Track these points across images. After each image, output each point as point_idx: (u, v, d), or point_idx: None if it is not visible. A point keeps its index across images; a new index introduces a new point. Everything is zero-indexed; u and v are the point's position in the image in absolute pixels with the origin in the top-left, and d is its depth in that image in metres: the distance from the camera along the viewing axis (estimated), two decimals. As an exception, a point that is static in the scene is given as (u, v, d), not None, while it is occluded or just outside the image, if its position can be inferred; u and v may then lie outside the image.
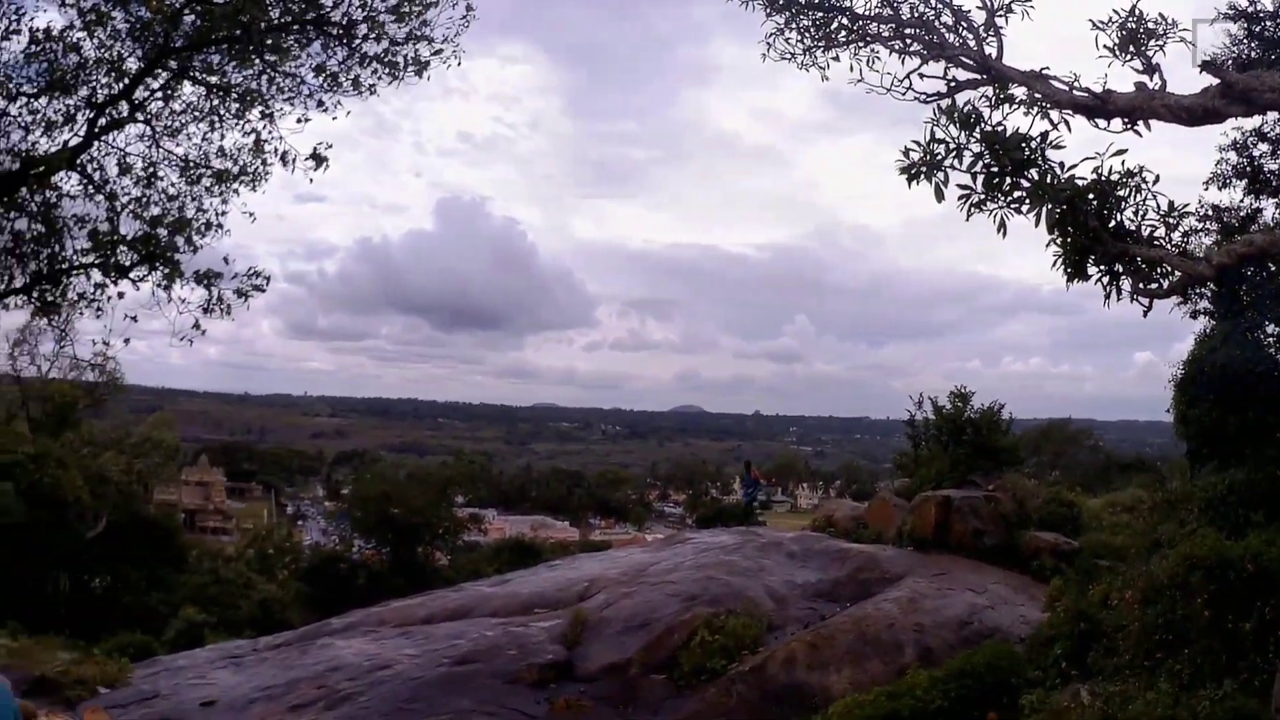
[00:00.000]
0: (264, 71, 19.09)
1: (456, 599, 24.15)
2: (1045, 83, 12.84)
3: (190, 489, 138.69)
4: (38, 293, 19.98)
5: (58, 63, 19.26)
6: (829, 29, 16.27)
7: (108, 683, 20.08)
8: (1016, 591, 20.89)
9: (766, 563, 22.69)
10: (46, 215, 19.78)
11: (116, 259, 19.35)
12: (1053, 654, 15.50)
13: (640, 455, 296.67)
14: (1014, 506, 24.08)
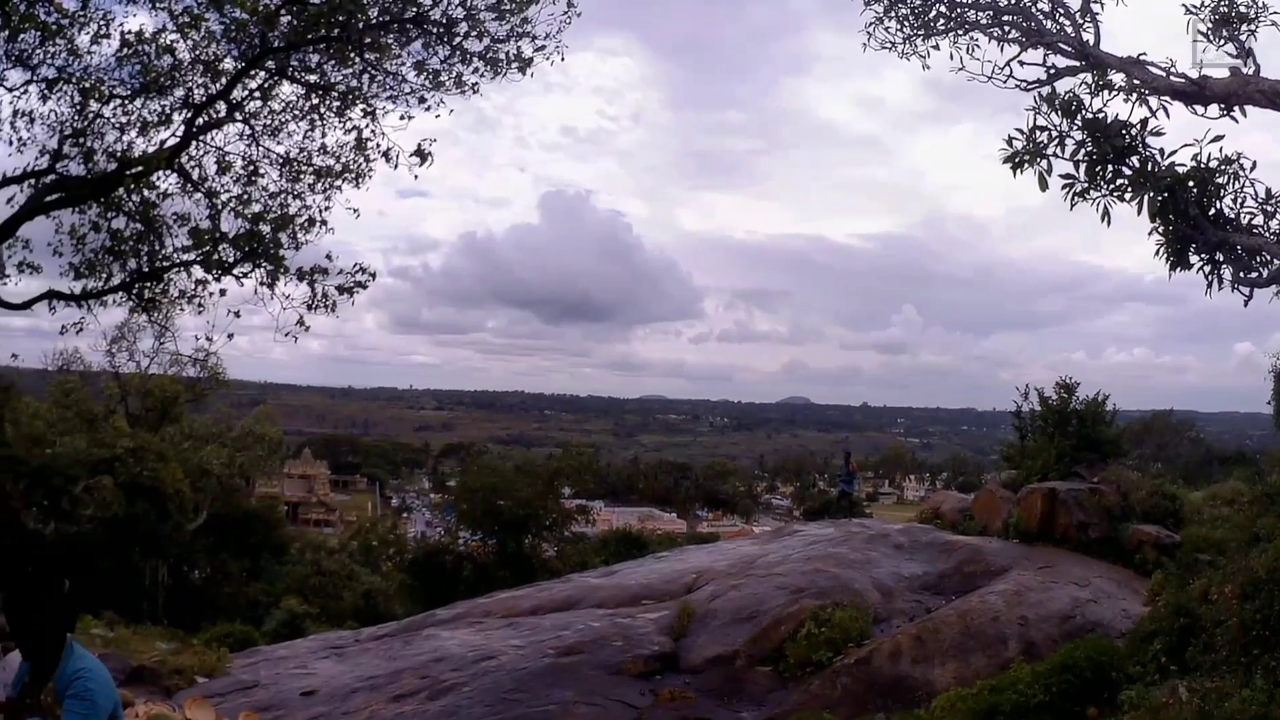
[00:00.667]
0: (365, 70, 19.13)
1: (563, 590, 24.12)
2: (1142, 69, 12.65)
3: (293, 482, 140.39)
4: (137, 290, 20.17)
5: (151, 65, 19.40)
6: (927, 17, 16.11)
7: (206, 672, 20.18)
8: (1119, 585, 20.56)
9: (874, 555, 22.51)
10: (145, 214, 20.02)
11: (219, 256, 19.55)
12: (1152, 649, 15.23)
13: (748, 447, 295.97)
14: (1117, 499, 23.76)
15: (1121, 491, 23.92)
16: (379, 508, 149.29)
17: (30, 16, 19.36)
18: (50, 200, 19.35)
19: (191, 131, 19.18)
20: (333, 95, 19.56)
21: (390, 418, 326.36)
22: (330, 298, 19.62)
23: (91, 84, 19.93)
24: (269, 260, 19.43)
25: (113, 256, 20.34)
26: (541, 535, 52.49)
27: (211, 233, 19.67)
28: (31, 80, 20.09)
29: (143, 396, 69.20)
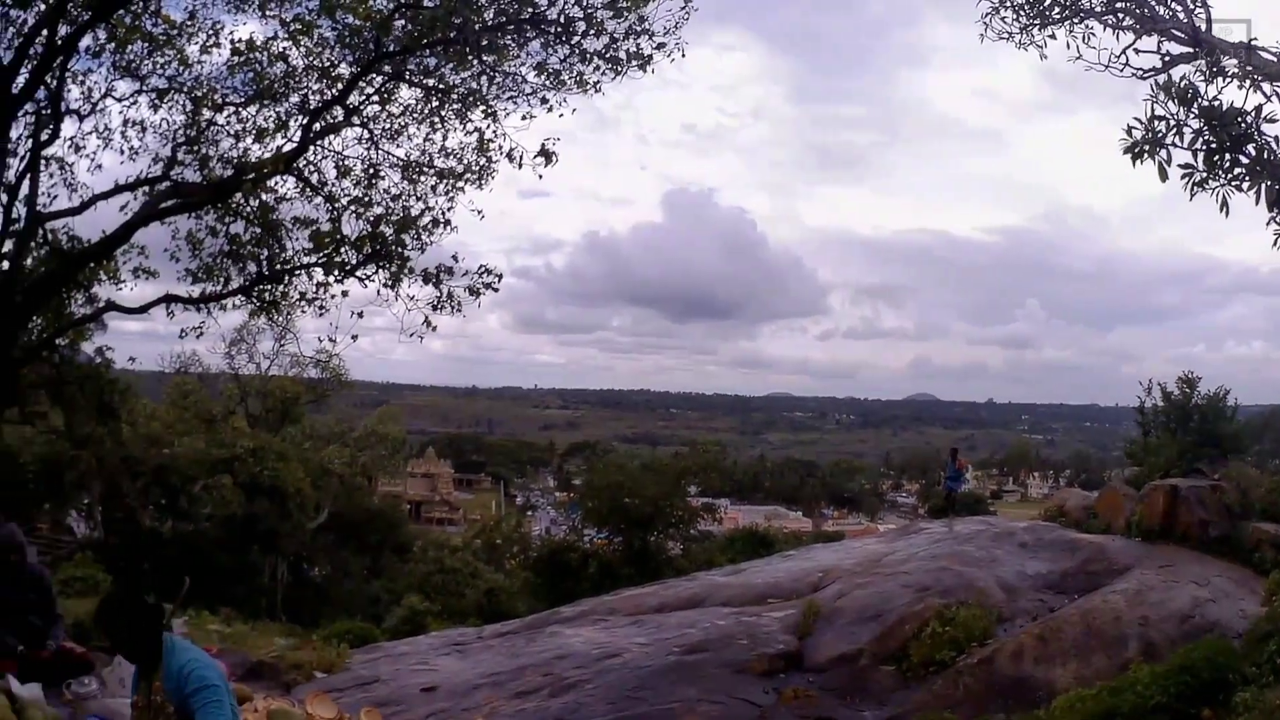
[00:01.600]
0: (483, 72, 19.12)
1: (690, 588, 24.06)
2: (1254, 54, 12.43)
3: (416, 481, 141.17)
4: (257, 293, 20.35)
5: (263, 72, 19.66)
6: (1042, 5, 15.91)
7: (324, 668, 20.25)
8: (1238, 585, 20.22)
9: (998, 553, 22.31)
10: (264, 218, 20.21)
11: (341, 258, 19.68)
12: (1267, 650, 14.97)
13: (874, 444, 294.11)
14: (1238, 496, 23.43)
15: (1241, 489, 23.60)
16: (503, 506, 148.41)
17: (137, 28, 19.64)
18: (166, 207, 19.59)
19: (309, 137, 19.32)
20: (452, 98, 19.60)
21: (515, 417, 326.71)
22: (456, 298, 19.62)
23: (203, 93, 20.34)
24: (392, 262, 19.54)
25: (231, 260, 20.62)
26: (667, 533, 52.42)
27: (333, 235, 19.84)
28: (141, 90, 20.51)
29: (263, 398, 70.16)
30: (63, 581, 22.56)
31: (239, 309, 21.65)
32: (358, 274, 19.74)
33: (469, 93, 19.51)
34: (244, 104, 20.26)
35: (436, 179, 20.17)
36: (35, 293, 19.70)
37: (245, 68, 19.84)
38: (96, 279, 22.63)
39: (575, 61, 18.69)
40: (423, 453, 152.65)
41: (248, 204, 20.34)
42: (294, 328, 23.08)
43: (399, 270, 19.61)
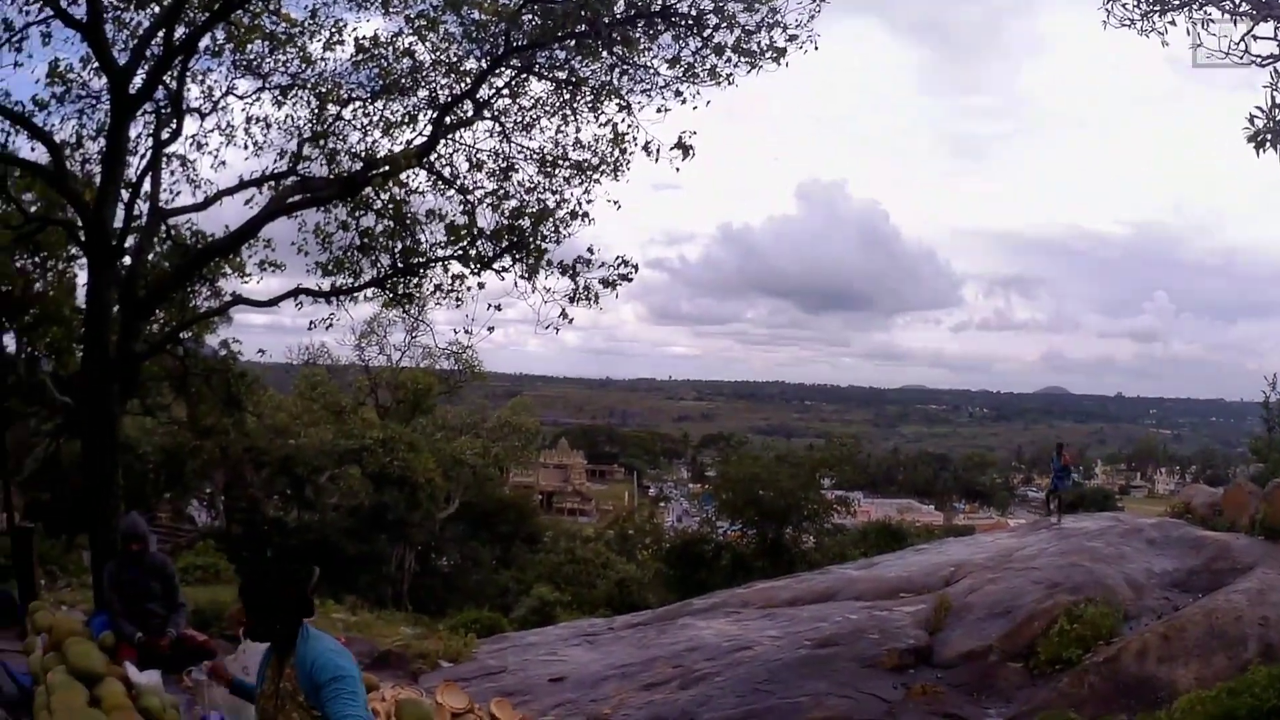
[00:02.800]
0: (615, 65, 19.00)
1: (823, 582, 23.98)
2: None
3: (549, 471, 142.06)
4: (391, 285, 20.47)
5: (389, 67, 19.74)
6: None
7: (450, 657, 20.28)
8: (1357, 585, 19.91)
9: (1126, 550, 21.99)
10: (396, 211, 20.25)
11: (478, 251, 19.69)
12: (1383, 652, 14.77)
13: (1006, 438, 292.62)
14: (1361, 494, 22.98)
15: (1363, 485, 23.09)
16: (636, 497, 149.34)
17: (256, 28, 19.84)
18: (294, 201, 19.72)
19: (439, 131, 19.33)
20: (584, 91, 19.52)
21: (649, 408, 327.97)
22: (593, 290, 19.56)
23: (328, 89, 20.45)
24: (529, 254, 19.51)
25: (363, 253, 20.71)
26: (801, 526, 52.20)
27: (468, 228, 19.84)
28: (263, 88, 20.67)
29: (393, 389, 70.66)
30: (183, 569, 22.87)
31: (370, 301, 22.01)
32: (494, 266, 19.67)
33: (601, 85, 19.38)
34: (370, 99, 20.35)
35: (572, 171, 20.09)
36: (159, 287, 19.86)
37: (370, 64, 19.97)
38: (221, 273, 23.16)
39: (708, 54, 18.51)
40: (555, 444, 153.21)
41: (378, 197, 20.43)
42: (427, 320, 23.20)
43: (535, 262, 19.55)
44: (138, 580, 11.68)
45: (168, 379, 36.30)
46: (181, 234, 22.00)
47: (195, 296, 23.29)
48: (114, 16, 19.26)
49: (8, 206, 22.00)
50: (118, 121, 18.12)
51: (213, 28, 18.65)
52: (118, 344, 18.17)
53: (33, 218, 21.54)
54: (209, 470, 60.13)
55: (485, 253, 19.74)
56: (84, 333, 19.20)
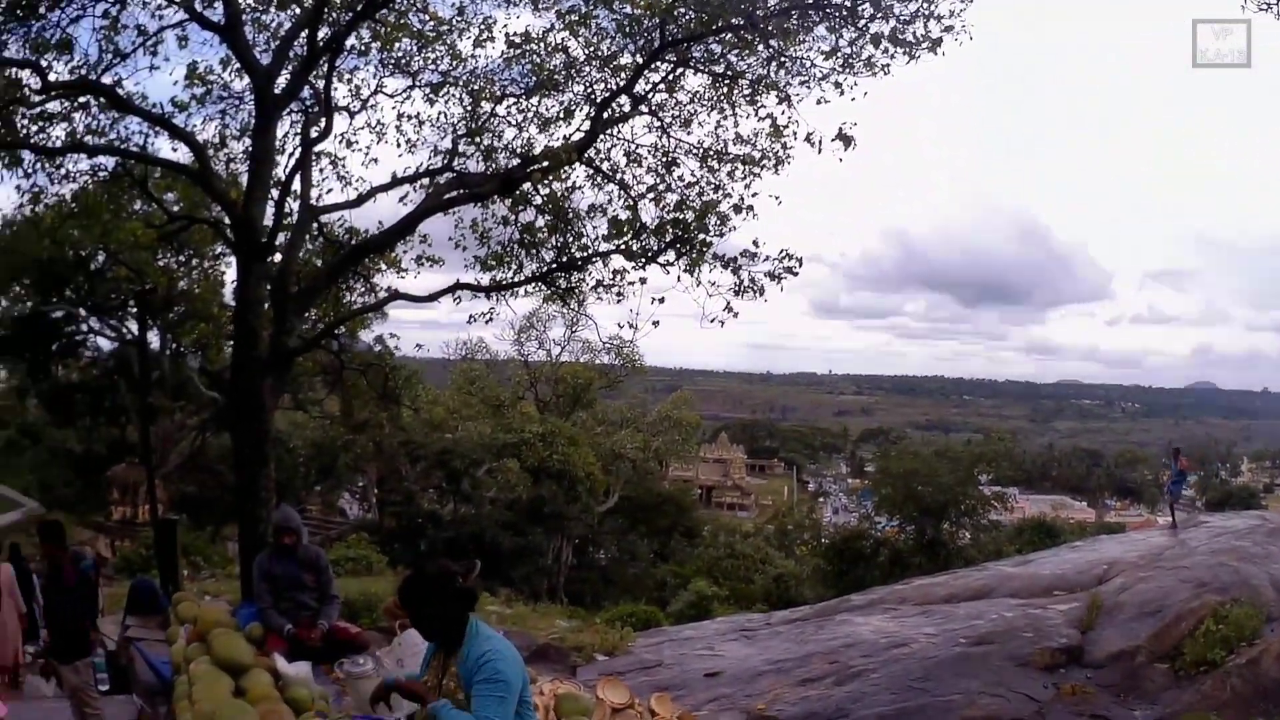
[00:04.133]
0: (772, 57, 18.87)
1: (979, 578, 23.82)
2: None
3: (708, 466, 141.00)
4: (551, 280, 20.56)
5: (542, 64, 19.81)
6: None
7: (606, 651, 20.28)
8: None
9: (1274, 549, 21.67)
10: (556, 207, 20.31)
11: (642, 245, 19.65)
12: None
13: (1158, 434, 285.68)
14: None
15: None
16: (795, 492, 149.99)
17: (403, 25, 19.99)
18: (451, 197, 19.85)
19: (597, 126, 19.30)
20: (741, 84, 19.39)
21: (809, 402, 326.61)
22: (758, 284, 19.37)
23: (480, 86, 20.57)
24: (692, 248, 19.39)
25: (523, 249, 20.78)
26: (959, 522, 51.91)
27: (631, 223, 19.78)
28: (413, 86, 20.85)
29: (553, 383, 71.36)
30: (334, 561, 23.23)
31: (529, 296, 21.84)
32: (658, 261, 19.59)
33: (758, 78, 19.24)
34: (524, 95, 20.43)
35: (735, 165, 19.87)
36: (312, 284, 20.05)
37: (522, 60, 20.10)
38: (377, 269, 23.21)
39: (864, 44, 18.33)
40: (715, 438, 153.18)
41: (537, 192, 20.40)
42: (590, 314, 23.23)
43: (699, 257, 19.41)
44: (290, 572, 11.72)
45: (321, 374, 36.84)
46: (333, 231, 22.31)
47: (349, 292, 23.51)
48: (253, 18, 19.54)
49: (148, 206, 22.39)
50: (263, 121, 18.39)
51: (357, 28, 18.86)
52: (270, 339, 18.44)
53: (176, 217, 21.95)
54: (362, 464, 61.10)
55: (649, 247, 19.66)
56: (234, 329, 19.33)
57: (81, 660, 11.90)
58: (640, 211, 20.12)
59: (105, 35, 17.76)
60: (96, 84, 17.62)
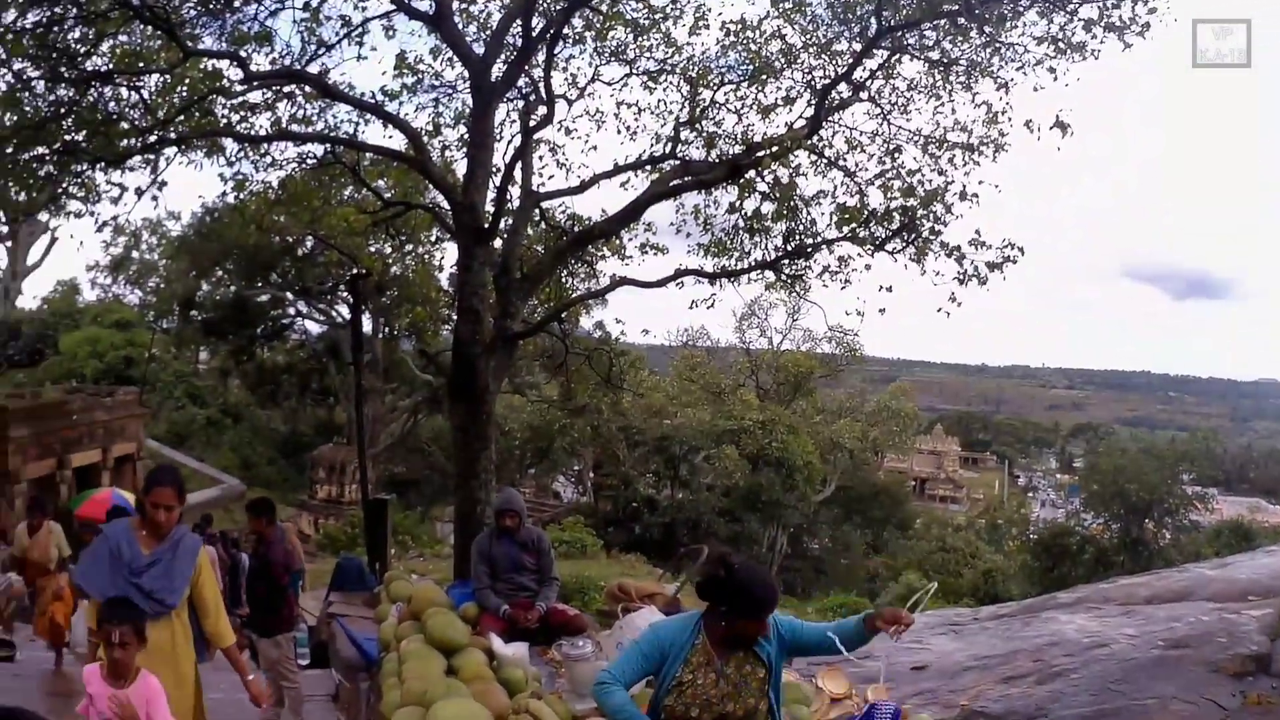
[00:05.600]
0: (986, 43, 18.71)
1: (1180, 580, 23.33)
2: None
3: (923, 458, 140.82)
4: (777, 267, 20.53)
5: (759, 51, 19.86)
6: None
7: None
8: None
9: None
10: (783, 193, 20.23)
11: (871, 232, 19.55)
12: None
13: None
14: None
15: None
16: (1006, 486, 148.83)
17: (617, 14, 20.07)
18: (677, 184, 19.94)
19: (821, 112, 19.18)
20: (956, 70, 19.26)
21: (1022, 395, 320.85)
22: (980, 273, 19.18)
23: (698, 73, 20.65)
24: (919, 236, 19.25)
25: (749, 235, 20.85)
26: (1162, 522, 51.13)
27: (858, 210, 19.71)
28: (630, 74, 20.97)
29: (774, 371, 71.68)
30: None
31: (754, 283, 21.81)
32: (886, 248, 19.43)
33: (972, 64, 19.10)
34: (742, 82, 20.46)
35: (957, 151, 19.79)
36: (536, 269, 20.31)
37: (739, 47, 20.15)
38: (600, 255, 23.42)
39: (1075, 28, 17.98)
40: (930, 429, 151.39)
41: (761, 179, 20.40)
42: (816, 302, 23.18)
43: (925, 244, 19.28)
44: (510, 554, 11.74)
45: (540, 358, 37.20)
46: (555, 217, 22.54)
47: (572, 278, 23.79)
48: (462, 8, 19.82)
49: (359, 193, 22.77)
50: (481, 109, 18.54)
51: (570, 17, 18.95)
52: (494, 323, 18.69)
53: (391, 202, 22.15)
54: (578, 447, 61.75)
55: (876, 234, 19.53)
56: (456, 312, 19.55)
57: (283, 634, 12.07)
58: (869, 199, 20.06)
59: (307, 27, 18.01)
60: (303, 73, 17.89)
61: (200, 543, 7.50)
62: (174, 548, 7.31)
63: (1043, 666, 16.94)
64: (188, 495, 32.12)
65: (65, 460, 42.78)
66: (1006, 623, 21.42)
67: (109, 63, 16.69)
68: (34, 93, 16.46)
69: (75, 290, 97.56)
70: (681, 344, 73.01)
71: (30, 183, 17.04)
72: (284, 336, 74.34)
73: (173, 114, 17.37)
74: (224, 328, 68.85)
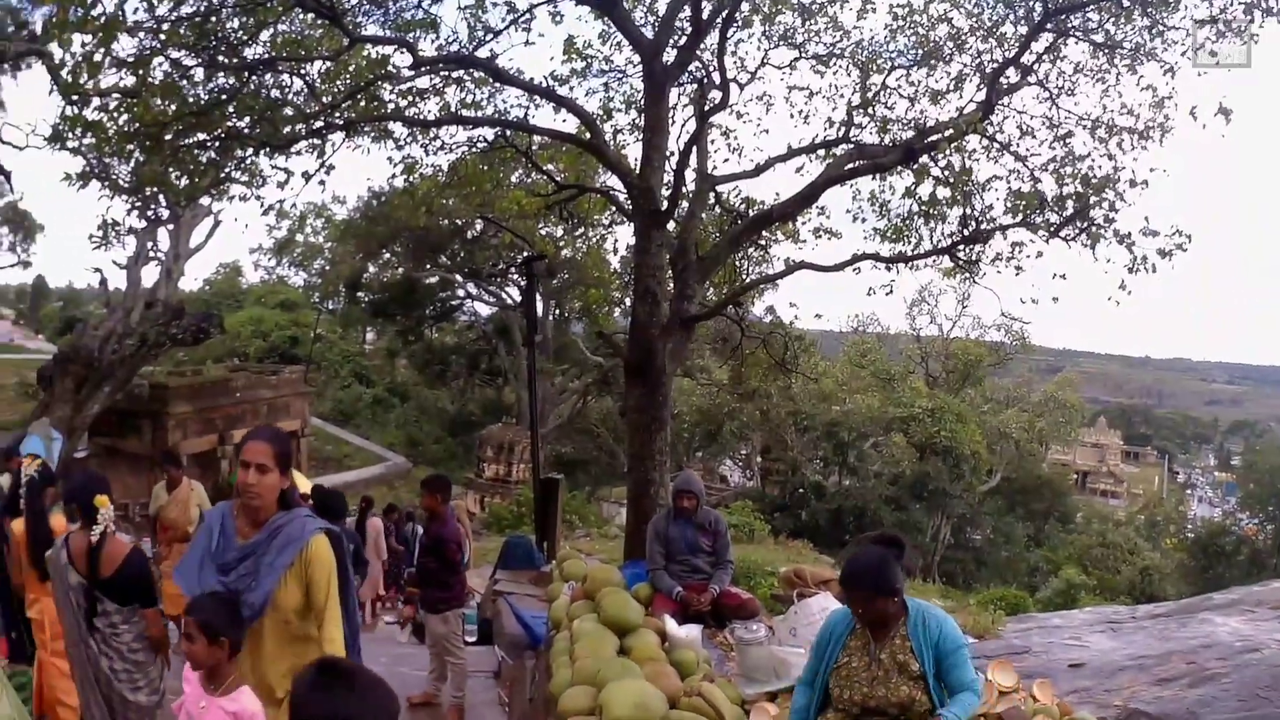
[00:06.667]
0: (1150, 26, 18.30)
1: (1327, 583, 23.20)
2: None
3: (1085, 450, 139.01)
4: (953, 253, 20.34)
5: (926, 35, 19.77)
6: None
7: (976, 634, 20.26)
8: None
9: None
10: (957, 179, 20.07)
11: (1045, 218, 19.27)
12: None
13: None
14: None
15: None
16: (1165, 482, 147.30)
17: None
18: (852, 168, 19.64)
19: (992, 97, 18.89)
20: (1120, 53, 18.89)
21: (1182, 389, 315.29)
22: (1150, 261, 18.85)
23: (867, 57, 20.54)
24: (1092, 223, 18.86)
25: (924, 220, 20.79)
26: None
27: (1032, 196, 19.41)
28: (799, 58, 20.86)
29: (943, 359, 71.82)
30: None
31: (926, 268, 21.65)
32: (1060, 234, 19.03)
33: (1137, 47, 18.69)
34: (912, 66, 20.33)
35: (1123, 136, 19.33)
36: (714, 251, 20.14)
37: (906, 31, 20.08)
38: (774, 239, 23.46)
39: (1236, 11, 17.36)
40: (1094, 422, 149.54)
41: (935, 164, 20.09)
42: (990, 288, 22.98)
43: (1098, 231, 18.86)
44: (686, 536, 11.76)
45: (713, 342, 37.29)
46: (729, 200, 22.35)
47: (746, 261, 23.76)
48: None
49: (529, 176, 22.93)
50: (654, 92, 18.54)
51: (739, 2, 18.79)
52: (671, 305, 18.62)
53: (565, 186, 22.08)
54: (747, 431, 61.96)
55: (1050, 220, 19.23)
56: (633, 294, 19.53)
57: (452, 611, 12.20)
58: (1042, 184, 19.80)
59: (472, 13, 18.14)
60: (474, 58, 17.98)
61: (312, 532, 6.07)
62: (270, 537, 6.02)
63: (1195, 669, 16.75)
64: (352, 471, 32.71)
65: (226, 436, 44.33)
66: (1163, 622, 21.20)
67: (269, 51, 16.90)
68: (192, 81, 16.73)
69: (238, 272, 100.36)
70: (851, 330, 72.86)
71: (192, 168, 17.33)
72: (452, 318, 75.19)
73: (339, 99, 17.57)
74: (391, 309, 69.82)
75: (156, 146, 16.57)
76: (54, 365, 33.08)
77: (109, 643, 7.71)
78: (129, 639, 7.79)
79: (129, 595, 7.78)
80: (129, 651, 7.78)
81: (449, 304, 72.92)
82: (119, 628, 7.76)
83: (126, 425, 40.52)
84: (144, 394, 40.37)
